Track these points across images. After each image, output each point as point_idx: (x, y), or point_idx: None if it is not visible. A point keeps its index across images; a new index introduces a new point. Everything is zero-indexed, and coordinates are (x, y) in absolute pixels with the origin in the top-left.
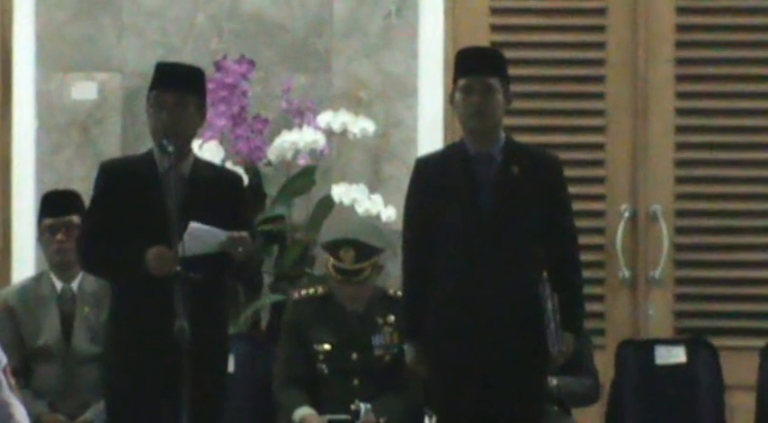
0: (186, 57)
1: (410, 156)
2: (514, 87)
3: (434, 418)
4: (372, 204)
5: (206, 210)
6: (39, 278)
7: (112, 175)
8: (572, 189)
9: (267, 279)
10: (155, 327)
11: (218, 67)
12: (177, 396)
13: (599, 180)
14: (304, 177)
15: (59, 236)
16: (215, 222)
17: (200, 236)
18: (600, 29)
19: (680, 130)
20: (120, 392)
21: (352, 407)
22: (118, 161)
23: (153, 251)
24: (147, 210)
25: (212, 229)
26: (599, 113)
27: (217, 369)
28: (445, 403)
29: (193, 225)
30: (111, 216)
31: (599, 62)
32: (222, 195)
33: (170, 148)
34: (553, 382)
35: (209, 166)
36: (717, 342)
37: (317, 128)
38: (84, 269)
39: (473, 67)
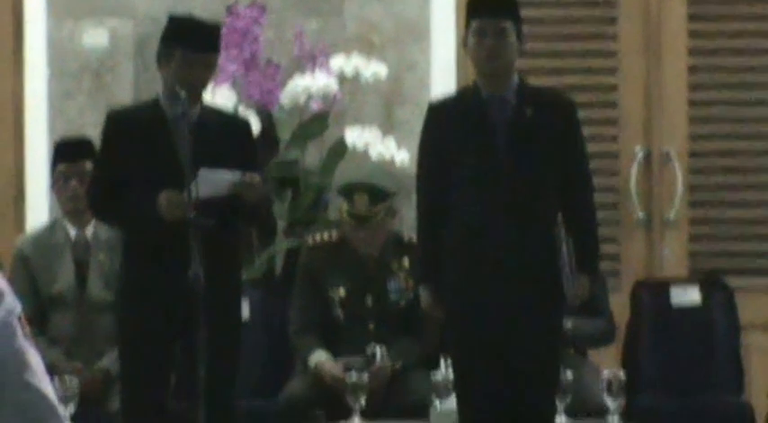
0: (198, 2)
1: (423, 99)
2: (527, 29)
3: (450, 362)
4: (385, 148)
5: (214, 155)
6: (52, 226)
7: (119, 123)
8: (585, 130)
9: (281, 224)
10: (168, 273)
11: (230, 11)
12: (192, 343)
13: (612, 121)
14: (317, 122)
15: (73, 182)
16: (224, 167)
17: (212, 178)
18: None
19: (693, 70)
20: (133, 340)
21: (368, 351)
22: (124, 109)
23: (164, 195)
24: (156, 156)
25: (224, 171)
26: (611, 54)
27: (231, 315)
28: (461, 347)
29: (204, 170)
30: (121, 164)
31: (611, 3)
32: (230, 140)
33: (182, 94)
34: (567, 324)
35: (216, 111)
36: (732, 282)
37: (329, 72)
38: (96, 218)
39: (485, 10)
